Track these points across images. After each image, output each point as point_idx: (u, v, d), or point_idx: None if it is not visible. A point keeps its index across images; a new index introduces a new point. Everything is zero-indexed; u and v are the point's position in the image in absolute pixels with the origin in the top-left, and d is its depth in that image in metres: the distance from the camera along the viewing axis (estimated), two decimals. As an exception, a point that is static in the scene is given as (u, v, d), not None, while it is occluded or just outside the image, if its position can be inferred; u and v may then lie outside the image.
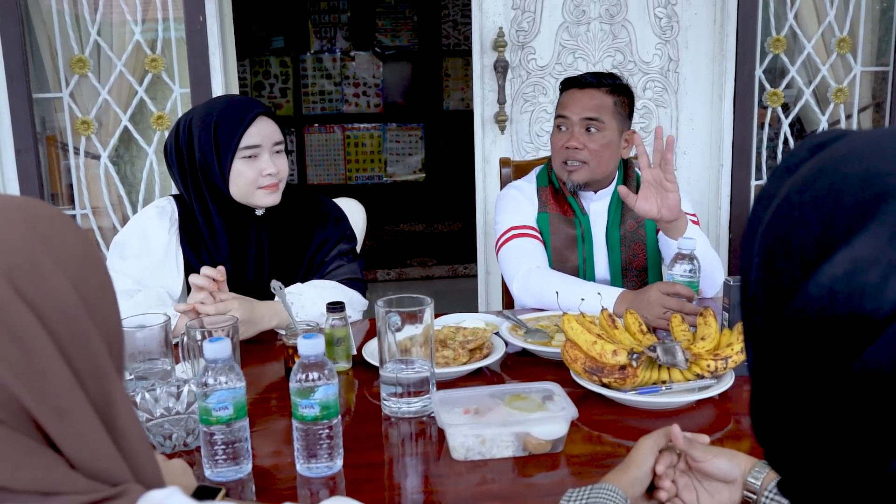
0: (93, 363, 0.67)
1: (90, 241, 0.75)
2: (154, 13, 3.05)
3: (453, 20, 6.97)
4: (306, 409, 1.21)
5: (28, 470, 0.62)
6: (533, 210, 2.15)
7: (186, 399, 1.38)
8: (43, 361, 0.63)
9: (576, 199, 2.13)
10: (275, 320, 1.80)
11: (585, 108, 2.05)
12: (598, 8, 3.07)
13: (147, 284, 1.87)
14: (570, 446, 1.30)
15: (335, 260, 1.98)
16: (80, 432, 0.64)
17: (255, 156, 1.86)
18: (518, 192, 2.18)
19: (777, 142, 3.33)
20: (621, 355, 1.43)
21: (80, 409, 0.64)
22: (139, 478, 0.68)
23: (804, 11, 3.22)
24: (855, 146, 0.53)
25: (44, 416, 0.63)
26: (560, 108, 2.11)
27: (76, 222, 0.78)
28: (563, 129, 2.09)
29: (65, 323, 0.65)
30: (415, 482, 1.26)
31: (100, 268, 0.73)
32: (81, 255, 0.71)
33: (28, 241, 0.66)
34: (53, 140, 3.16)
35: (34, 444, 0.63)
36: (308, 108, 7.05)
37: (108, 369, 0.68)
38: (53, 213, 0.72)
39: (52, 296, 0.65)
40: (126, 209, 3.16)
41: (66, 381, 0.64)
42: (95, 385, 0.66)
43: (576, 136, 2.05)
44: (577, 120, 2.05)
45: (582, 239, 2.11)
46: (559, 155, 2.09)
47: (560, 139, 2.09)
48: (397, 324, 1.40)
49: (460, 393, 1.39)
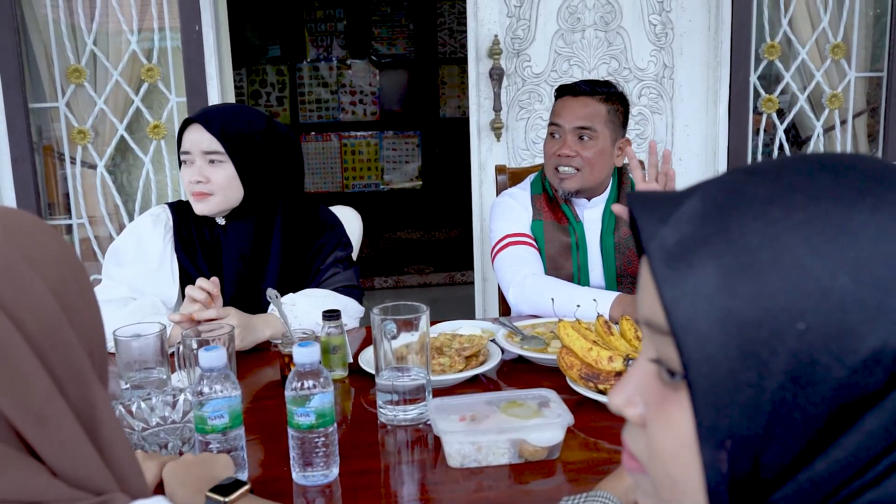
0: (74, 370, 0.66)
1: (70, 248, 0.74)
2: (150, 22, 3.06)
3: (449, 28, 6.99)
4: (302, 418, 1.21)
5: (9, 478, 0.61)
6: (527, 217, 2.15)
7: (182, 408, 1.37)
8: (22, 369, 0.62)
9: (570, 207, 2.13)
10: (269, 330, 1.80)
11: (578, 116, 2.05)
12: (593, 15, 3.08)
13: (142, 292, 1.87)
14: (567, 453, 1.30)
15: (331, 267, 1.98)
16: (62, 440, 0.63)
17: (188, 162, 1.87)
18: (512, 199, 2.19)
19: (772, 147, 3.34)
20: (617, 361, 1.43)
21: (61, 417, 0.63)
22: (123, 486, 0.67)
23: (798, 17, 3.23)
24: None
25: (24, 423, 0.62)
26: (553, 115, 2.12)
27: (55, 230, 0.76)
28: (555, 136, 2.10)
29: (44, 330, 0.64)
30: (411, 490, 1.26)
31: (80, 274, 0.72)
32: (61, 262, 0.70)
33: (5, 248, 0.65)
34: (50, 149, 3.17)
35: (15, 452, 0.63)
36: (305, 117, 7.06)
37: (89, 376, 0.67)
38: (31, 220, 0.71)
39: (31, 302, 0.64)
40: (123, 218, 3.16)
41: (46, 389, 0.63)
42: (77, 392, 0.66)
43: (568, 143, 2.05)
44: (570, 128, 2.06)
45: (576, 247, 2.11)
46: (551, 162, 2.10)
47: (552, 146, 2.10)
48: (393, 331, 1.40)
49: (456, 400, 1.39)
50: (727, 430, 0.48)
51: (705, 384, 0.48)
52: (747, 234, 0.48)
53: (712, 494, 0.50)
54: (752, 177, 0.52)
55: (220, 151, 1.85)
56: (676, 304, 0.49)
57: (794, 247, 0.47)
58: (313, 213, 2.04)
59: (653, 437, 0.54)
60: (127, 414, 1.36)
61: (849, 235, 0.47)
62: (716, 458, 0.49)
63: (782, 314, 0.47)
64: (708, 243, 0.49)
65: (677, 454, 0.52)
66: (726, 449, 0.48)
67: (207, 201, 1.87)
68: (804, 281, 0.47)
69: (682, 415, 0.51)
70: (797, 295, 0.47)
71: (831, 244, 0.47)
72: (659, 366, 0.54)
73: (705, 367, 0.48)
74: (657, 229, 0.51)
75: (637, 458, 0.57)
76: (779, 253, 0.47)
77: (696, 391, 0.49)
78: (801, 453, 0.48)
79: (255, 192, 1.90)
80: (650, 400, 0.55)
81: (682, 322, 0.48)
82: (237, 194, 1.88)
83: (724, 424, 0.48)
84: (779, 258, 0.47)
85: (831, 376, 0.46)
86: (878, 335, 0.45)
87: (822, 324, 0.46)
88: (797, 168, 0.51)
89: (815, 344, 0.46)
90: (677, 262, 0.49)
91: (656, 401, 0.54)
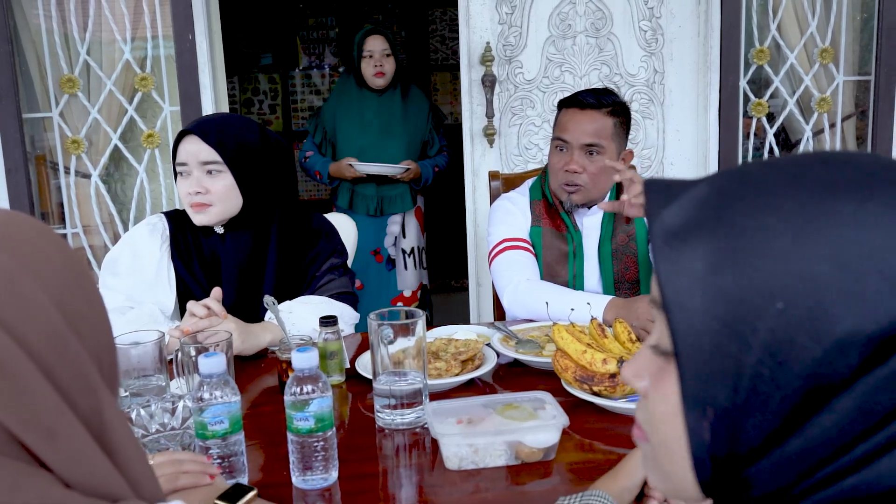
0: (81, 380, 0.64)
1: (72, 252, 0.71)
2: (143, 32, 3.07)
3: (441, 35, 7.01)
4: (301, 422, 1.22)
5: (25, 491, 0.60)
6: (526, 223, 2.15)
7: (182, 414, 1.38)
8: (27, 386, 0.60)
9: (569, 216, 2.13)
10: (268, 335, 1.81)
11: (586, 132, 2.03)
12: (584, 22, 3.10)
13: (139, 301, 1.88)
14: (562, 454, 1.32)
15: (326, 274, 2.00)
16: (73, 453, 0.62)
17: (185, 174, 1.88)
18: (511, 204, 2.19)
19: (763, 151, 3.37)
20: (611, 364, 1.45)
21: (70, 429, 0.62)
22: (138, 493, 0.66)
23: (787, 22, 3.26)
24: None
25: (33, 440, 0.61)
26: (559, 129, 2.08)
27: (58, 234, 0.73)
28: (562, 150, 2.07)
29: (48, 343, 0.62)
30: (409, 492, 1.27)
31: (83, 279, 0.70)
32: (62, 268, 0.67)
33: (2, 259, 0.63)
34: (44, 159, 3.17)
35: (26, 466, 0.61)
36: (297, 124, 7.06)
37: (98, 386, 0.66)
38: (30, 224, 0.69)
39: (32, 316, 0.62)
40: (117, 227, 3.17)
41: (53, 403, 0.61)
42: (86, 403, 0.64)
43: (575, 159, 2.03)
44: (578, 144, 2.04)
45: (573, 255, 2.12)
46: (558, 176, 2.08)
47: (559, 160, 2.07)
48: (390, 336, 1.42)
49: (453, 403, 1.40)
50: (709, 400, 0.52)
51: (690, 355, 0.52)
52: (739, 220, 0.52)
53: (697, 462, 0.54)
54: (763, 168, 0.55)
55: (218, 161, 1.85)
56: (669, 280, 0.53)
57: (782, 234, 0.50)
58: (308, 221, 2.05)
59: (651, 406, 0.58)
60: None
61: (834, 226, 0.50)
62: (699, 426, 0.53)
63: (763, 294, 0.50)
64: (703, 225, 0.53)
65: (670, 421, 0.56)
66: (708, 418, 0.52)
67: (207, 212, 1.88)
68: (786, 265, 0.50)
69: (673, 385, 0.55)
70: (777, 277, 0.50)
71: (817, 233, 0.50)
72: (660, 342, 0.58)
73: (690, 339, 0.52)
74: (662, 210, 0.55)
75: (642, 427, 0.61)
76: (766, 238, 0.51)
77: (682, 361, 0.53)
78: (777, 429, 0.51)
79: (254, 200, 1.91)
80: (652, 373, 0.59)
81: (672, 296, 0.52)
82: (236, 204, 1.89)
83: (706, 394, 0.52)
84: (765, 243, 0.50)
85: (807, 356, 0.49)
86: (852, 319, 0.48)
87: (799, 305, 0.49)
88: (803, 161, 0.55)
89: (793, 323, 0.49)
90: (674, 241, 0.53)
91: (655, 373, 0.58)
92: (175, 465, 1.13)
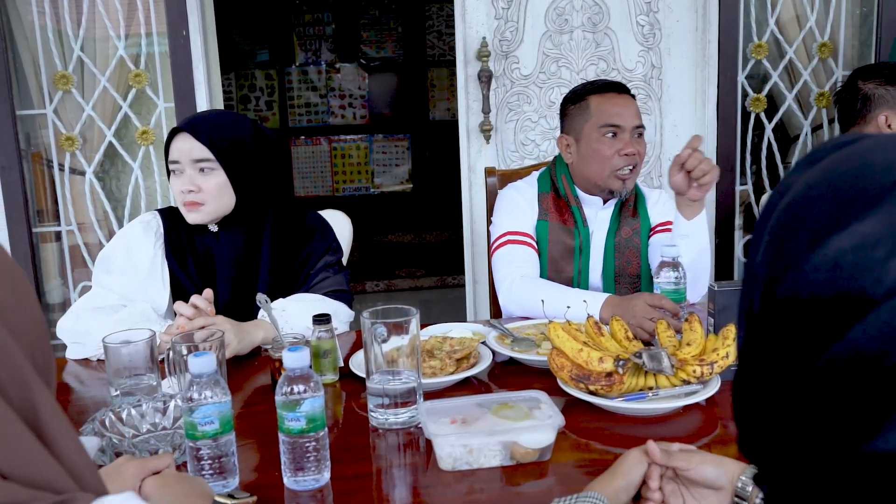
0: (13, 372, 0.63)
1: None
2: (137, 28, 3.05)
3: (437, 31, 6.99)
4: (293, 422, 1.21)
5: None
6: (533, 216, 2.13)
7: (173, 414, 1.37)
8: None
9: (579, 209, 2.12)
10: (261, 333, 1.79)
11: (634, 114, 2.06)
12: (581, 17, 3.08)
13: (133, 299, 1.87)
14: (558, 454, 1.30)
15: (321, 272, 1.98)
16: (7, 442, 0.61)
17: (178, 171, 1.86)
18: (519, 195, 2.16)
19: (761, 146, 3.35)
20: (607, 362, 1.44)
21: (3, 419, 0.61)
22: (81, 485, 0.65)
23: (785, 17, 3.25)
24: (881, 140, 0.55)
25: None
26: (605, 116, 2.05)
27: None
28: (614, 135, 2.05)
29: None
30: (403, 493, 1.26)
31: (9, 270, 0.69)
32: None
33: None
34: (38, 156, 3.15)
35: None
36: (294, 121, 7.06)
37: (28, 376, 0.64)
38: None
39: None
40: (112, 224, 3.15)
41: None
42: (19, 395, 0.63)
43: (630, 142, 2.04)
44: (630, 127, 2.05)
45: (579, 250, 2.10)
46: (611, 163, 2.04)
47: (612, 146, 2.04)
48: (383, 335, 1.40)
49: (447, 403, 1.39)
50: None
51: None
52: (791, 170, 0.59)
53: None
54: (862, 147, 0.57)
55: (211, 159, 1.84)
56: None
57: (794, 183, 0.56)
58: (301, 218, 2.03)
59: None
60: (117, 421, 1.35)
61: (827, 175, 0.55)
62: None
63: (769, 207, 0.58)
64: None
65: None
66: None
67: (200, 211, 1.86)
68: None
69: None
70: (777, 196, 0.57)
71: (814, 172, 0.55)
72: None
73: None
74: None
75: None
76: (785, 182, 0.58)
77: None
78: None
79: (247, 198, 1.89)
80: None
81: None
82: (229, 202, 1.88)
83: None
84: (783, 184, 0.58)
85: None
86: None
87: (790, 216, 0.54)
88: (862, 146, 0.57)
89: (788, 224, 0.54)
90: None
91: None
92: (142, 461, 1.14)
